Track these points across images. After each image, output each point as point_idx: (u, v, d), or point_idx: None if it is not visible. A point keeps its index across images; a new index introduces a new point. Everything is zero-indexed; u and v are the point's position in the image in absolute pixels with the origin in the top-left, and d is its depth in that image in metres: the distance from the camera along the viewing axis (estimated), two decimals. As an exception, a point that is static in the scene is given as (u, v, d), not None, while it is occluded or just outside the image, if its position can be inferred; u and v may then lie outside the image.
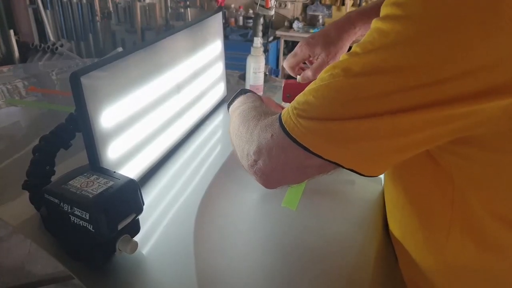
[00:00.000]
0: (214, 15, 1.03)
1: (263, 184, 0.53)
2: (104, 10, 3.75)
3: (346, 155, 0.44)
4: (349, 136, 0.42)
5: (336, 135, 0.42)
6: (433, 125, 0.39)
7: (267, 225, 0.67)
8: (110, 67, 0.62)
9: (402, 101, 0.38)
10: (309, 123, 0.43)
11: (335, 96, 0.42)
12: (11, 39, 3.34)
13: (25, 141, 0.97)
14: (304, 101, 0.44)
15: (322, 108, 0.42)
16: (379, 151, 0.42)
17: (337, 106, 0.41)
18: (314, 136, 0.43)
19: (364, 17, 0.75)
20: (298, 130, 0.44)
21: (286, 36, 3.26)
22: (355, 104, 0.40)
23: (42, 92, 1.32)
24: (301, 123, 0.44)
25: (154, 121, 0.77)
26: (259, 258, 0.60)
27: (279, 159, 0.47)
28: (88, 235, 0.51)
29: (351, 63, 0.41)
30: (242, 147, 0.55)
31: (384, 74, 0.38)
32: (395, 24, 0.38)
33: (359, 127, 0.41)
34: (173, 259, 0.59)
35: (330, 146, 0.43)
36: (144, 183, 0.76)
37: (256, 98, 0.72)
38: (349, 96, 0.41)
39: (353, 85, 0.40)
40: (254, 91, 1.17)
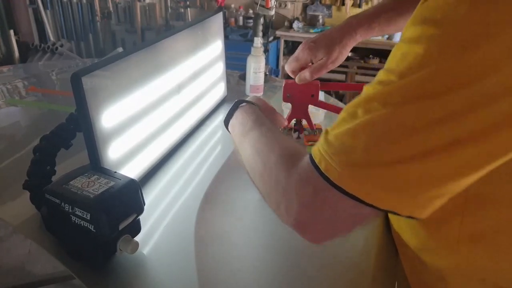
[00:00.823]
0: (214, 15, 1.03)
1: (310, 241, 0.45)
2: (104, 10, 3.75)
3: (403, 202, 0.38)
4: (405, 181, 0.36)
5: (391, 181, 0.37)
6: (497, 155, 0.35)
7: (268, 224, 0.67)
8: (110, 67, 0.63)
9: (459, 128, 0.33)
10: (357, 171, 0.37)
11: (380, 133, 0.36)
12: (11, 39, 3.34)
13: (25, 141, 0.97)
14: (342, 145, 0.38)
15: (369, 150, 0.37)
16: (440, 193, 0.37)
17: (385, 146, 0.36)
18: (365, 185, 0.37)
19: (365, 23, 0.75)
20: (346, 180, 0.38)
21: (286, 36, 3.26)
22: (406, 140, 0.35)
23: (42, 92, 1.32)
24: (347, 171, 0.38)
25: (154, 121, 0.77)
26: (259, 257, 0.60)
27: (326, 215, 0.41)
28: (89, 235, 0.51)
29: (389, 93, 0.36)
30: (271, 195, 0.48)
31: (432, 98, 0.34)
32: (432, 43, 0.34)
33: (416, 168, 0.35)
34: (173, 259, 0.59)
35: (385, 193, 0.37)
36: (145, 183, 0.76)
37: (257, 116, 0.63)
38: (397, 131, 0.35)
39: (399, 117, 0.35)
40: (254, 91, 1.18)
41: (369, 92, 0.38)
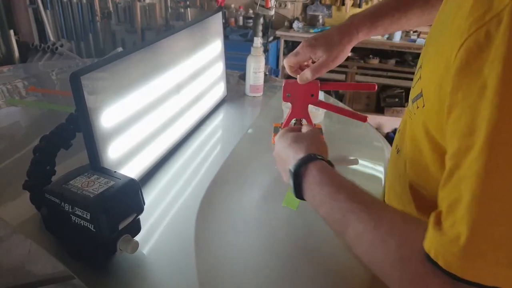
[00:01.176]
0: (214, 15, 1.03)
1: None
2: (104, 10, 3.75)
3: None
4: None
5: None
6: None
7: (268, 224, 0.67)
8: (110, 67, 0.63)
9: None
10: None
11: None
12: (11, 39, 3.34)
13: (25, 141, 0.97)
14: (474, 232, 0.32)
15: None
16: None
17: None
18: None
19: (367, 22, 0.74)
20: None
21: (286, 36, 3.26)
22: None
23: (42, 92, 1.32)
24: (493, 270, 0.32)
25: (154, 121, 0.77)
26: (259, 257, 0.60)
27: None
28: (89, 235, 0.51)
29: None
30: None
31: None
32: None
33: None
34: (173, 259, 0.59)
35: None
36: (145, 182, 0.76)
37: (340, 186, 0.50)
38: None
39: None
40: (254, 91, 1.18)
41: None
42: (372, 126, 1.08)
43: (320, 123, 1.02)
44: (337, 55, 0.74)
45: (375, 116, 3.10)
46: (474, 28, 0.34)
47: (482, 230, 0.32)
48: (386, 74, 3.05)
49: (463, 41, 0.35)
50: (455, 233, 0.33)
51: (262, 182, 0.78)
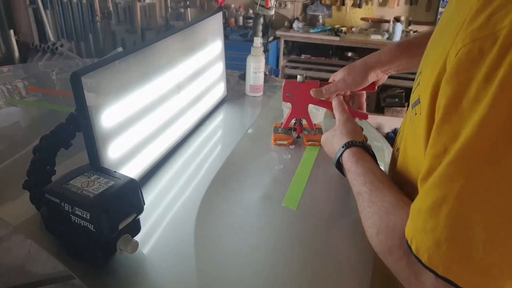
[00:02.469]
0: (214, 15, 1.03)
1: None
2: (104, 10, 3.75)
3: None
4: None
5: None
6: None
7: (268, 224, 0.67)
8: (110, 67, 0.63)
9: None
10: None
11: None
12: (11, 39, 3.34)
13: (25, 141, 0.97)
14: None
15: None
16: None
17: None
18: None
19: (395, 53, 0.77)
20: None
21: (286, 36, 3.26)
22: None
23: (42, 92, 1.32)
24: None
25: (154, 121, 0.77)
26: (259, 257, 0.60)
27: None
28: (89, 235, 0.51)
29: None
30: (401, 273, 0.45)
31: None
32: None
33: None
34: (173, 259, 0.59)
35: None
36: (145, 182, 0.76)
37: (365, 170, 0.60)
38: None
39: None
40: (254, 91, 1.18)
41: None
42: (372, 126, 1.09)
43: (320, 123, 1.02)
44: (350, 77, 0.79)
45: (375, 116, 3.10)
46: (469, 40, 0.35)
47: (457, 231, 0.36)
48: (386, 74, 3.04)
49: (458, 51, 0.36)
50: (431, 226, 0.37)
51: (262, 182, 0.78)
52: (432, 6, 3.11)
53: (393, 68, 0.78)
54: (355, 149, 0.65)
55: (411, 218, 0.41)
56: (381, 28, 3.29)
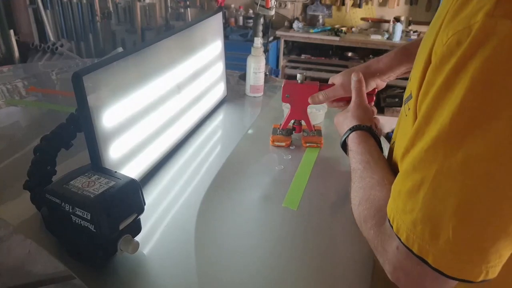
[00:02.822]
0: (214, 15, 1.03)
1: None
2: (104, 10, 3.75)
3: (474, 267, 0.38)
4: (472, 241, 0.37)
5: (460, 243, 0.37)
6: None
7: (268, 225, 0.67)
8: (111, 67, 0.63)
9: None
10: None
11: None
12: (11, 39, 3.34)
13: (26, 141, 0.97)
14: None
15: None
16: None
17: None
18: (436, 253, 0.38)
19: (395, 57, 0.79)
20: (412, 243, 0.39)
21: (286, 36, 3.26)
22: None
23: (42, 92, 1.32)
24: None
25: (155, 121, 0.77)
26: (259, 257, 0.60)
27: (413, 273, 0.41)
28: (90, 235, 0.51)
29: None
30: (372, 241, 0.49)
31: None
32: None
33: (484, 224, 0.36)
34: (174, 259, 0.59)
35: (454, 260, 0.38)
36: (145, 183, 0.76)
37: (364, 151, 0.64)
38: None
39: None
40: (254, 91, 1.18)
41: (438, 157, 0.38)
42: (372, 126, 1.08)
43: (320, 124, 1.02)
44: (345, 79, 0.80)
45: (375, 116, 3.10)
46: (452, 33, 0.38)
47: (432, 213, 0.38)
48: (386, 74, 3.04)
49: (444, 43, 0.39)
50: (409, 207, 0.40)
51: (262, 182, 0.78)
52: (432, 6, 3.12)
53: (392, 75, 0.80)
54: (360, 132, 0.68)
55: (392, 199, 0.44)
56: (381, 28, 3.29)
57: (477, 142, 0.35)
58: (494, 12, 0.34)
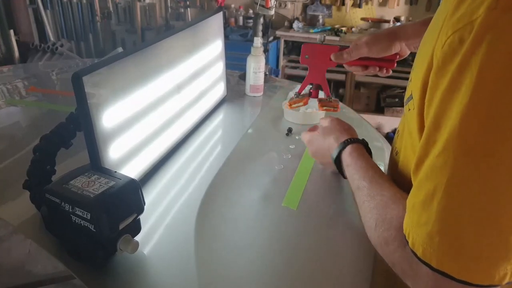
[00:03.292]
0: (214, 15, 1.03)
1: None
2: (104, 10, 3.75)
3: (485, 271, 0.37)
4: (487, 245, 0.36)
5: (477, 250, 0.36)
6: None
7: (268, 224, 0.67)
8: (111, 67, 0.63)
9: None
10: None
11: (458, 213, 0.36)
12: (11, 39, 3.33)
13: (25, 141, 0.97)
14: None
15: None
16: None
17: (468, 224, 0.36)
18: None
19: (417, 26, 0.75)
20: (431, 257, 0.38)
21: (286, 36, 3.25)
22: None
23: (42, 92, 1.32)
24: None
25: (155, 120, 0.77)
26: (259, 257, 0.60)
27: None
28: (89, 235, 0.51)
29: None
30: (399, 265, 0.46)
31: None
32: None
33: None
34: (174, 259, 0.59)
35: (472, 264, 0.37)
36: (145, 182, 0.76)
37: (361, 168, 0.61)
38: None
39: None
40: (254, 91, 1.18)
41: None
42: (372, 126, 1.09)
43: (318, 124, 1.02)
44: (374, 43, 0.75)
45: (375, 116, 3.10)
46: (451, 31, 0.36)
47: (449, 221, 0.37)
48: (386, 74, 3.05)
49: (443, 43, 0.37)
50: (424, 219, 0.38)
51: (262, 182, 0.78)
52: (432, 6, 3.11)
53: (416, 43, 0.76)
54: (356, 146, 0.66)
55: (407, 213, 0.42)
56: (381, 28, 3.29)
57: (489, 143, 0.33)
58: (496, 5, 0.33)
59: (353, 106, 3.12)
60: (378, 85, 3.09)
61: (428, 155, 0.38)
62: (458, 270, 0.37)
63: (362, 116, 1.14)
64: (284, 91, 1.24)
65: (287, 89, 1.24)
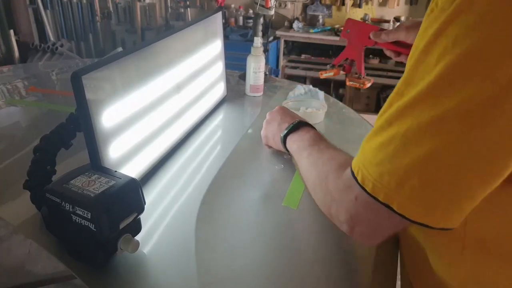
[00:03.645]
0: (214, 15, 1.03)
1: (360, 241, 0.51)
2: (104, 10, 3.75)
3: (434, 213, 0.40)
4: (436, 188, 0.39)
5: (422, 191, 0.39)
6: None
7: (268, 224, 0.67)
8: (111, 67, 0.63)
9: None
10: (392, 183, 0.40)
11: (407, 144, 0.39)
12: (11, 39, 3.34)
13: (25, 141, 0.97)
14: (374, 157, 0.42)
15: (396, 161, 0.40)
16: (473, 195, 0.39)
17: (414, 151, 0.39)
18: (398, 196, 0.40)
19: None
20: (379, 191, 0.41)
21: (286, 36, 3.26)
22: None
23: (42, 92, 1.32)
24: (380, 183, 0.41)
25: (154, 120, 0.77)
26: (260, 257, 0.60)
27: (368, 220, 0.45)
28: (90, 235, 0.51)
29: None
30: (323, 201, 0.52)
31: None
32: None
33: (449, 165, 0.38)
34: (174, 258, 0.59)
35: (415, 205, 0.40)
36: (146, 182, 0.76)
37: (315, 135, 0.68)
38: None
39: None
40: (254, 91, 1.18)
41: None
42: (372, 126, 1.08)
43: (319, 124, 1.02)
44: (411, 26, 0.79)
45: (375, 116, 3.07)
46: (435, 2, 0.39)
47: (401, 164, 0.39)
48: (386, 74, 3.05)
49: (429, 13, 0.40)
50: (378, 159, 0.41)
51: (262, 181, 0.78)
52: (432, 6, 3.11)
53: None
54: (304, 126, 0.71)
55: (360, 153, 0.45)
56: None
57: (450, 101, 0.36)
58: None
59: (353, 106, 3.12)
60: (378, 85, 3.09)
61: (392, 106, 0.41)
62: (399, 205, 0.40)
63: (362, 116, 1.14)
64: (284, 91, 1.24)
65: (287, 89, 1.24)
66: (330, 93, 3.04)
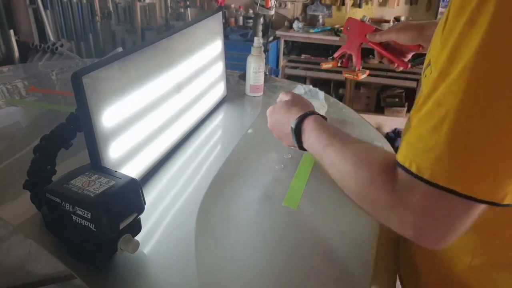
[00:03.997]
0: (214, 15, 1.03)
1: (430, 246, 0.45)
2: (104, 10, 3.75)
3: (498, 188, 0.38)
4: (496, 165, 0.38)
5: (480, 166, 0.38)
6: None
7: (268, 224, 0.67)
8: (111, 67, 0.63)
9: None
10: (447, 164, 0.39)
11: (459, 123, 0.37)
12: (11, 39, 3.33)
13: (26, 141, 0.97)
14: (426, 143, 0.39)
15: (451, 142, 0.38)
16: None
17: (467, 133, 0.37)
18: (456, 175, 0.38)
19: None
20: (439, 175, 0.39)
21: (286, 36, 3.25)
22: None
23: (42, 92, 1.32)
24: (437, 167, 0.39)
25: (155, 120, 0.77)
26: (260, 257, 0.60)
27: (440, 216, 0.41)
28: (90, 235, 0.51)
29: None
30: (377, 213, 0.48)
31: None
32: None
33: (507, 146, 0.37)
34: (174, 258, 0.59)
35: (477, 182, 0.38)
36: (146, 182, 0.76)
37: (328, 130, 0.62)
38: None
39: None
40: (254, 91, 1.18)
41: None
42: (372, 126, 1.09)
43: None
44: (402, 28, 0.84)
45: (375, 116, 3.10)
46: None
47: (458, 142, 0.37)
48: (386, 74, 3.04)
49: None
50: (432, 143, 0.38)
51: (262, 181, 0.78)
52: (432, 6, 3.11)
53: None
54: (319, 116, 0.67)
55: (407, 146, 0.42)
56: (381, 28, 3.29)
57: (504, 72, 0.35)
58: None
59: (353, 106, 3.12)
60: (378, 85, 3.09)
61: (438, 88, 0.39)
62: (463, 186, 0.38)
63: (362, 116, 1.14)
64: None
65: (287, 89, 1.24)
66: (330, 93, 3.04)
